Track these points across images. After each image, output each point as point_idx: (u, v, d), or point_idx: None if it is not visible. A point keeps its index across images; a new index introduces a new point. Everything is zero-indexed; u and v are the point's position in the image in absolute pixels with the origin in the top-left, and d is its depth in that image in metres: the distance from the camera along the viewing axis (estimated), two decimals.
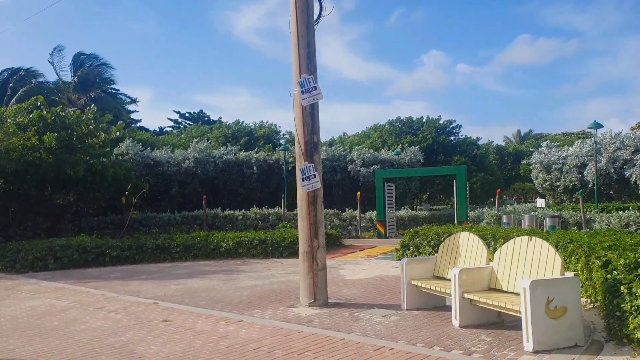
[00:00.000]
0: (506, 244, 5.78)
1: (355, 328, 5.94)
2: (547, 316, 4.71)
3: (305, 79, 7.38)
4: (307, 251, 7.33)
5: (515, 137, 66.65)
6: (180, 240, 14.11)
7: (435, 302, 6.86)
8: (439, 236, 11.63)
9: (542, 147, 26.78)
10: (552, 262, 5.07)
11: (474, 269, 5.82)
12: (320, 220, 7.44)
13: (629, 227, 13.35)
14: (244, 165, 28.15)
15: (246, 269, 11.82)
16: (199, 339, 5.74)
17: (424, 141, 36.73)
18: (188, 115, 57.43)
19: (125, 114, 41.57)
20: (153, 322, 6.67)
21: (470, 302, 5.69)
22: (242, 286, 9.35)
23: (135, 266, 12.85)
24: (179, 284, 9.82)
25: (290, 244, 14.16)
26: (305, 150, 7.41)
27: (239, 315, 6.85)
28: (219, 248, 14.13)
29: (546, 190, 25.82)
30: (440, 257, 6.88)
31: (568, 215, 15.31)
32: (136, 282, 10.29)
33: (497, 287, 5.76)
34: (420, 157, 28.07)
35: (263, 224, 21.50)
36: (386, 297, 7.77)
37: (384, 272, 10.64)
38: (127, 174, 18.57)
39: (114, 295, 8.71)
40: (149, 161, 25.26)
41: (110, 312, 7.39)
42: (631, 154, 22.23)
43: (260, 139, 41.25)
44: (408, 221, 21.59)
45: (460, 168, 17.85)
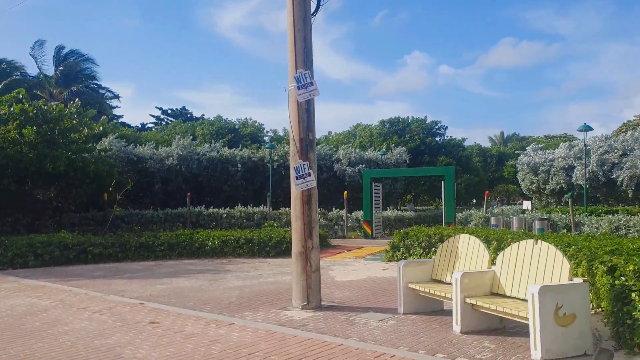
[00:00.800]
0: (510, 248, 5.63)
1: (353, 333, 5.72)
2: (556, 323, 4.56)
3: (301, 74, 7.15)
4: (300, 252, 7.09)
5: (498, 139, 67.32)
6: (165, 239, 13.73)
7: (433, 307, 6.69)
8: (429, 237, 11.52)
9: (528, 149, 26.90)
10: (560, 267, 4.93)
11: (476, 272, 5.66)
12: (315, 220, 7.22)
13: (618, 230, 13.40)
14: (228, 163, 27.76)
15: (233, 269, 11.53)
16: (190, 343, 5.46)
17: (411, 142, 36.81)
18: (170, 111, 56.74)
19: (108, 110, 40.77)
20: (140, 323, 6.36)
21: (472, 307, 5.52)
22: (230, 286, 9.07)
23: (119, 264, 12.44)
24: (164, 284, 9.49)
25: (277, 244, 13.92)
26: (300, 147, 7.18)
27: (230, 318, 6.58)
28: (204, 247, 13.79)
29: (533, 193, 25.94)
30: (439, 259, 6.70)
31: (557, 218, 15.34)
32: (120, 280, 9.92)
33: (499, 292, 5.61)
34: (407, 158, 28.05)
35: (248, 222, 21.18)
36: (381, 300, 7.58)
37: (375, 273, 10.46)
38: (109, 170, 18.09)
39: (97, 295, 8.35)
40: (132, 157, 24.73)
41: (95, 312, 7.05)
42: (619, 157, 22.42)
43: (245, 137, 40.88)
44: (394, 222, 21.48)
45: (449, 169, 17.79)
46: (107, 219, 17.36)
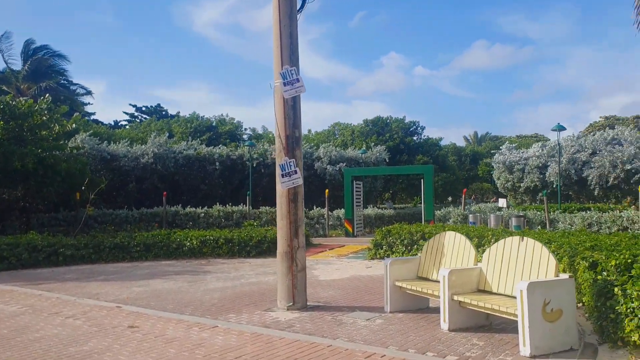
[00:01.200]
0: (496, 245, 5.63)
1: (341, 333, 5.63)
2: (544, 319, 4.56)
3: (287, 70, 7.02)
4: (286, 251, 6.96)
5: (472, 139, 68.32)
6: (141, 239, 13.38)
7: (419, 304, 6.65)
8: (411, 235, 11.54)
9: (503, 148, 27.38)
10: (546, 264, 4.94)
11: (463, 270, 5.64)
12: (301, 218, 7.10)
13: (591, 227, 13.72)
14: (206, 161, 27.35)
15: (212, 270, 11.30)
16: (172, 348, 5.27)
17: (390, 141, 37.02)
18: (145, 108, 55.62)
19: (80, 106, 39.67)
20: (118, 328, 6.13)
21: (460, 304, 5.50)
22: (211, 288, 8.87)
23: (92, 266, 12.06)
24: (141, 286, 9.22)
25: (258, 243, 13.74)
26: (286, 144, 7.04)
27: (213, 320, 6.40)
28: (182, 247, 13.50)
29: (508, 191, 26.40)
30: (425, 257, 6.67)
31: (533, 215, 15.60)
32: (94, 283, 9.59)
33: (486, 288, 5.60)
34: (386, 156, 28.16)
35: (226, 222, 20.89)
36: (366, 299, 7.52)
37: (358, 272, 10.40)
38: (82, 169, 17.57)
39: (70, 299, 8.04)
40: (106, 155, 24.12)
41: (68, 317, 6.77)
42: (589, 156, 23.07)
43: (223, 135, 40.38)
44: (375, 220, 21.52)
45: (428, 167, 17.89)
46: (79, 219, 16.84)
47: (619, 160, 21.98)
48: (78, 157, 19.01)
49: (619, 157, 22.10)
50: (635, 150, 21.99)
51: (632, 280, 4.51)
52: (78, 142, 21.74)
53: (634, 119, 56.06)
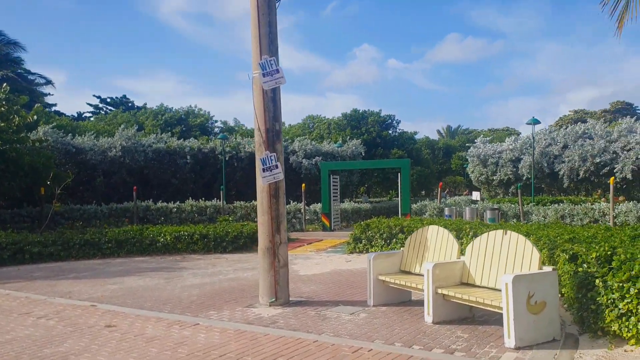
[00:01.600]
0: (479, 238, 5.69)
1: (326, 328, 5.59)
2: (528, 312, 4.63)
3: (266, 60, 6.88)
4: (268, 247, 6.86)
5: (445, 132, 69.31)
6: (112, 235, 13.01)
7: (402, 297, 6.68)
8: (390, 229, 11.60)
9: (477, 142, 27.76)
10: (530, 257, 5.01)
11: (447, 263, 5.67)
12: (283, 214, 7.00)
13: (564, 219, 14.07)
14: (177, 155, 26.83)
15: (188, 266, 11.09)
16: (153, 347, 5.12)
17: (367, 134, 37.17)
18: (110, 100, 54.10)
19: (40, 97, 38.19)
20: (94, 328, 5.91)
21: (444, 297, 5.54)
22: (189, 285, 8.69)
23: (61, 264, 11.65)
24: (116, 283, 8.95)
25: (234, 239, 13.57)
26: (267, 138, 6.92)
27: (194, 318, 6.26)
28: (156, 243, 13.19)
29: (482, 184, 26.82)
30: (407, 251, 6.69)
31: (507, 208, 15.90)
32: (65, 281, 9.26)
33: (469, 281, 5.65)
34: (362, 150, 28.24)
35: (200, 217, 20.57)
36: (348, 293, 7.50)
37: (338, 266, 10.38)
38: (46, 162, 16.90)
39: (41, 298, 7.73)
40: (71, 148, 23.34)
41: (40, 317, 6.50)
42: (560, 150, 23.67)
43: (194, 128, 39.68)
44: (352, 214, 21.56)
45: (405, 161, 17.99)
46: (44, 215, 16.22)
47: (588, 153, 22.51)
48: (41, 150, 18.30)
49: (588, 150, 22.60)
50: (605, 144, 22.54)
51: (613, 272, 4.63)
52: (40, 134, 20.93)
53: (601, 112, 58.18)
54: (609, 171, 21.90)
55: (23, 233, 13.42)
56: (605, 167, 22.15)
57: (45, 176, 16.14)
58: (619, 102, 62.83)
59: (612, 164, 21.94)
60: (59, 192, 15.27)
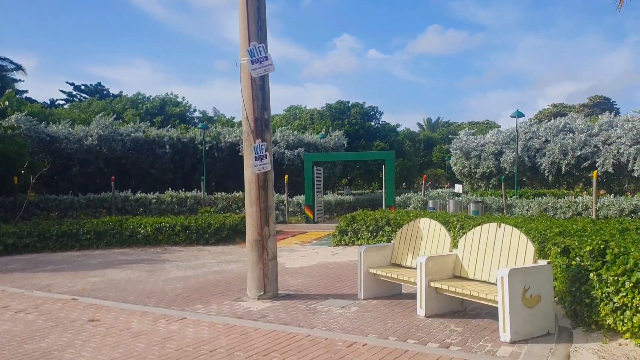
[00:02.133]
0: (472, 231, 5.65)
1: (317, 322, 5.49)
2: (524, 305, 4.61)
3: (255, 47, 6.68)
4: (256, 239, 6.71)
5: (426, 124, 69.63)
6: (91, 226, 12.65)
7: (392, 291, 6.63)
8: (377, 221, 11.56)
9: (461, 134, 27.82)
10: (524, 250, 4.99)
11: (440, 256, 5.63)
12: (271, 205, 6.85)
13: (547, 212, 14.21)
14: (155, 144, 26.31)
15: (171, 258, 10.86)
16: (140, 342, 4.95)
17: (349, 126, 37.04)
18: (84, 87, 52.76)
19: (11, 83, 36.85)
20: (77, 322, 5.69)
21: (436, 290, 5.49)
22: (172, 277, 8.49)
23: (37, 255, 11.30)
24: (96, 276, 8.69)
25: (217, 231, 13.36)
26: (255, 127, 6.74)
27: (180, 312, 6.09)
28: (136, 235, 12.89)
29: (464, 177, 26.93)
30: (399, 244, 6.63)
31: (490, 200, 16.00)
32: (43, 274, 8.95)
33: (462, 275, 5.62)
34: (345, 142, 28.12)
35: (180, 208, 20.24)
36: (337, 286, 7.41)
37: (325, 259, 10.29)
38: (20, 151, 16.35)
39: (18, 291, 7.43)
40: (44, 136, 22.65)
41: (19, 312, 6.23)
42: (542, 144, 23.90)
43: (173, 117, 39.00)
44: (335, 206, 21.46)
45: (389, 153, 17.93)
46: (18, 205, 15.71)
47: (569, 147, 22.67)
48: (14, 138, 17.69)
49: (569, 144, 22.78)
50: (586, 137, 22.73)
51: (607, 265, 4.64)
52: (13, 121, 20.22)
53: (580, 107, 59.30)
54: (590, 165, 22.15)
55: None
56: (586, 160, 22.35)
57: (18, 165, 15.61)
58: (597, 97, 64.15)
59: (593, 157, 22.15)
60: (33, 181, 14.79)
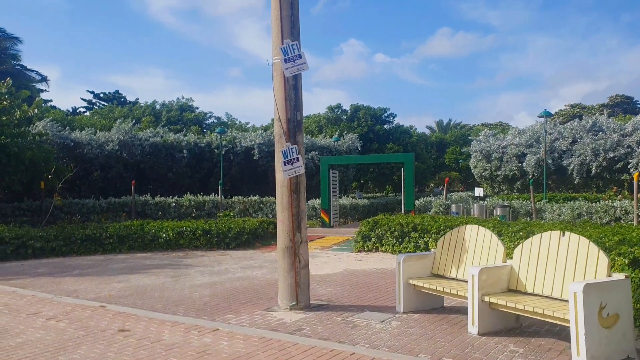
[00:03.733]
0: (530, 240, 5.21)
1: (359, 338, 5.09)
2: (600, 325, 4.15)
3: (288, 45, 6.35)
4: (288, 246, 6.35)
5: (436, 126, 68.74)
6: (114, 230, 12.45)
7: (433, 304, 6.20)
8: (402, 227, 11.15)
9: (480, 136, 26.94)
10: (596, 262, 4.54)
11: (494, 268, 5.19)
12: (303, 210, 6.50)
13: (580, 217, 13.55)
14: (174, 149, 26.27)
15: (193, 263, 10.57)
16: (174, 356, 4.60)
17: (359, 128, 36.64)
18: (103, 95, 53.73)
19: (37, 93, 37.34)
20: (107, 332, 5.38)
21: (489, 305, 5.06)
22: (198, 284, 8.17)
23: (63, 259, 11.13)
24: (121, 282, 8.42)
25: (237, 235, 13.09)
26: (288, 129, 6.40)
27: (211, 322, 5.74)
28: (158, 239, 12.66)
29: (485, 180, 26.06)
30: (440, 253, 6.21)
31: (518, 205, 15.39)
32: (70, 279, 8.72)
33: (518, 288, 5.17)
34: (358, 145, 27.72)
35: (198, 212, 20.04)
36: (370, 297, 7.00)
37: (349, 265, 9.89)
38: (47, 156, 16.40)
39: (48, 297, 7.18)
40: (69, 142, 22.79)
41: (50, 319, 5.96)
42: (569, 145, 22.91)
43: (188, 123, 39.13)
44: (350, 210, 21.00)
45: (409, 155, 17.43)
46: (44, 209, 15.67)
47: (601, 148, 21.54)
48: (41, 144, 17.78)
49: (601, 144, 21.62)
50: (619, 137, 21.57)
51: None
52: (40, 128, 20.33)
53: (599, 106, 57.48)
54: (622, 166, 21.08)
55: (25, 227, 12.98)
56: (619, 162, 21.18)
57: (45, 170, 15.66)
58: (618, 96, 62.31)
59: (626, 158, 20.97)
60: (59, 186, 14.74)
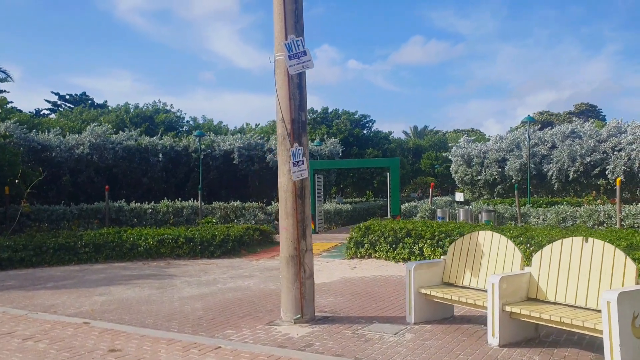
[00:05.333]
0: (549, 246, 5.01)
1: (375, 353, 4.77)
2: (634, 335, 3.97)
3: (293, 40, 6.01)
4: (292, 255, 5.98)
5: (412, 132, 69.51)
6: (89, 239, 11.77)
7: (444, 313, 5.95)
8: (395, 232, 10.90)
9: (461, 141, 27.17)
10: (622, 269, 4.37)
11: (514, 275, 4.97)
12: (308, 216, 6.16)
13: (565, 222, 13.63)
14: (148, 153, 25.45)
15: (177, 273, 10.05)
16: None
17: (339, 133, 36.56)
18: (69, 97, 51.80)
19: None
20: (96, 353, 4.89)
21: (510, 315, 4.83)
22: (187, 296, 7.70)
23: (34, 270, 10.40)
24: (103, 294, 7.86)
25: (222, 242, 12.62)
26: (292, 130, 6.05)
27: (211, 339, 5.32)
28: (137, 247, 12.05)
29: (465, 184, 26.26)
30: (452, 260, 5.96)
31: (503, 209, 15.43)
32: (44, 292, 8.08)
33: (539, 297, 4.97)
34: (340, 149, 27.53)
35: (176, 218, 19.35)
36: (374, 307, 6.70)
37: (345, 273, 9.58)
38: (12, 160, 15.43)
39: (21, 313, 6.58)
40: (35, 145, 21.73)
41: (27, 339, 5.40)
42: (549, 150, 23.31)
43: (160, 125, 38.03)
44: (334, 215, 20.75)
45: (395, 160, 17.32)
46: (9, 216, 14.72)
47: (578, 153, 21.97)
48: (7, 147, 16.77)
49: (577, 150, 22.05)
50: (595, 143, 22.02)
51: None
52: (2, 130, 19.26)
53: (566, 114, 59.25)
54: (599, 172, 21.56)
55: None
56: (596, 167, 21.68)
57: (10, 174, 14.72)
58: (583, 104, 64.37)
59: (602, 164, 21.47)
60: (28, 191, 13.87)
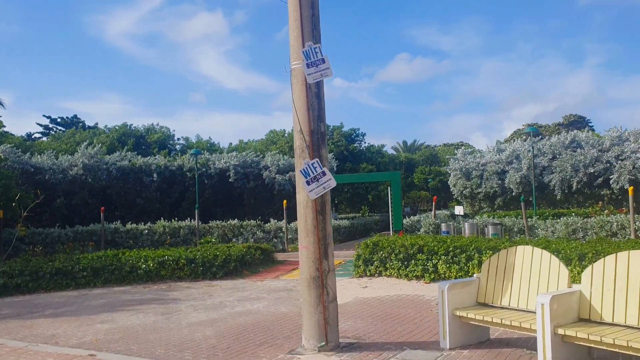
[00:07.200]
0: (602, 260, 4.62)
1: None
2: None
3: (311, 48, 5.66)
4: (314, 276, 5.53)
5: (402, 147, 69.74)
6: (87, 262, 11.22)
7: (480, 337, 5.51)
8: (406, 249, 10.47)
9: (458, 154, 26.91)
10: None
11: (564, 294, 4.56)
12: (330, 234, 5.74)
13: (575, 233, 13.28)
14: (142, 173, 24.97)
15: (181, 297, 9.53)
16: None
17: (335, 148, 36.26)
18: (60, 120, 51.39)
19: None
20: None
21: (562, 338, 4.40)
22: (195, 322, 7.19)
23: (31, 297, 9.83)
24: (105, 322, 7.32)
25: (224, 263, 12.13)
26: (311, 142, 5.66)
27: None
28: (137, 270, 11.51)
29: (465, 198, 25.91)
30: (487, 278, 5.54)
31: (510, 222, 15.07)
32: (43, 320, 7.54)
33: (592, 317, 4.55)
34: (334, 164, 27.23)
35: (173, 239, 18.83)
36: (401, 331, 6.23)
37: (357, 293, 9.10)
38: (7, 183, 14.95)
39: (21, 345, 6.03)
40: (29, 168, 21.28)
41: None
42: (549, 161, 23.06)
43: (152, 145, 37.53)
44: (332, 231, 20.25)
45: (396, 174, 16.98)
46: (2, 241, 14.13)
47: (581, 163, 21.63)
48: (1, 170, 16.31)
49: (580, 160, 21.70)
50: (597, 153, 21.74)
51: None
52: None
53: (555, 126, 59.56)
54: (602, 182, 21.24)
55: None
56: (599, 177, 21.31)
57: (4, 197, 14.23)
58: (572, 115, 64.77)
59: (606, 174, 21.16)
60: (24, 214, 13.35)
